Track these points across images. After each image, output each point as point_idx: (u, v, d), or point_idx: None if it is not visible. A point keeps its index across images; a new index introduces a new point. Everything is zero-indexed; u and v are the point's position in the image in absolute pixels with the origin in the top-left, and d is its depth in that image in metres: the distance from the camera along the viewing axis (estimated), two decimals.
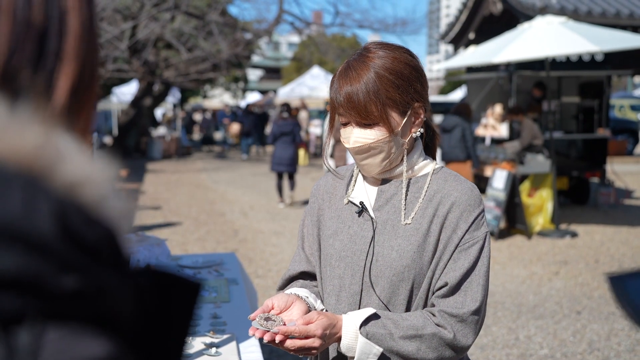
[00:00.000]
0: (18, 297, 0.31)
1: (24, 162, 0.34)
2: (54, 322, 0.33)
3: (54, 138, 0.36)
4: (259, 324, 1.41)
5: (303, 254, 1.69)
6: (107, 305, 0.35)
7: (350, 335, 1.43)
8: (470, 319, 1.46)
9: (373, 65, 1.47)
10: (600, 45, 7.13)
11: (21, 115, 0.36)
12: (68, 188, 0.35)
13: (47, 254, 0.32)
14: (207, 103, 36.49)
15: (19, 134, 0.35)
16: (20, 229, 0.32)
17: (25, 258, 0.32)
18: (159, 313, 0.40)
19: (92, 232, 0.35)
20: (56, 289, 0.33)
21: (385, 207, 1.55)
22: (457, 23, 13.93)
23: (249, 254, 7.13)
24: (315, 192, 1.71)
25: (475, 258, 1.48)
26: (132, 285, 0.38)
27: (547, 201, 8.14)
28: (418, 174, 1.57)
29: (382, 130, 1.48)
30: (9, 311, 0.31)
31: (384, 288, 1.50)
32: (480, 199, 1.54)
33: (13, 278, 0.31)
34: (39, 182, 0.34)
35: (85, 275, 0.34)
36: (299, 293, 1.58)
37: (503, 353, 4.43)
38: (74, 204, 0.35)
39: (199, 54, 16.31)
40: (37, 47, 0.39)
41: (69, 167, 0.36)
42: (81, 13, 0.42)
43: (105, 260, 0.35)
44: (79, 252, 0.34)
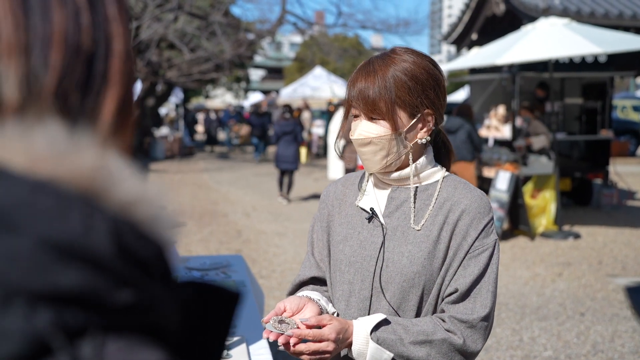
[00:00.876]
0: (81, 312, 0.33)
1: (82, 184, 0.36)
2: (113, 335, 0.34)
3: (109, 160, 0.38)
4: (273, 327, 1.42)
5: (313, 259, 1.70)
6: (158, 317, 0.37)
7: (361, 340, 1.45)
8: (480, 324, 1.48)
9: (394, 66, 1.50)
10: (604, 47, 7.14)
11: (78, 138, 0.38)
12: (122, 207, 0.37)
13: (106, 270, 0.34)
14: (209, 103, 36.49)
15: (78, 157, 0.37)
16: (81, 247, 0.34)
17: (87, 275, 0.34)
18: (201, 323, 0.42)
19: (143, 248, 0.37)
20: (114, 303, 0.34)
21: (396, 214, 1.57)
22: (460, 24, 13.93)
23: (252, 254, 7.15)
24: (325, 198, 1.72)
25: (485, 265, 1.50)
26: (178, 298, 0.40)
27: (550, 202, 8.15)
28: (426, 181, 1.59)
29: (386, 127, 1.50)
30: (73, 325, 0.33)
31: (394, 294, 1.51)
32: (489, 207, 1.56)
33: (76, 294, 0.33)
34: (96, 202, 0.36)
35: (139, 289, 0.36)
36: (311, 296, 1.59)
37: (507, 354, 4.44)
38: (127, 222, 0.36)
39: (202, 54, 16.32)
40: (86, 71, 0.41)
41: (123, 187, 0.37)
42: (124, 37, 0.44)
43: (155, 274, 0.37)
44: (133, 267, 0.36)
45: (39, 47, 0.39)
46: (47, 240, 0.33)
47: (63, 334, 0.32)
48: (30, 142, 0.36)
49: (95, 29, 0.42)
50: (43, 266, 0.33)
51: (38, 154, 0.36)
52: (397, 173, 1.57)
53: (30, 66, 0.38)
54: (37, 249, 0.33)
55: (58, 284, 0.33)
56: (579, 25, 7.98)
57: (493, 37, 11.10)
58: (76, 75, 0.40)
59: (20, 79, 0.38)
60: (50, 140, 0.36)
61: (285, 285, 6.04)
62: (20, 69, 0.38)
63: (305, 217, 9.51)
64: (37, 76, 0.38)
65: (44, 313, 0.32)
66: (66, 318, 0.33)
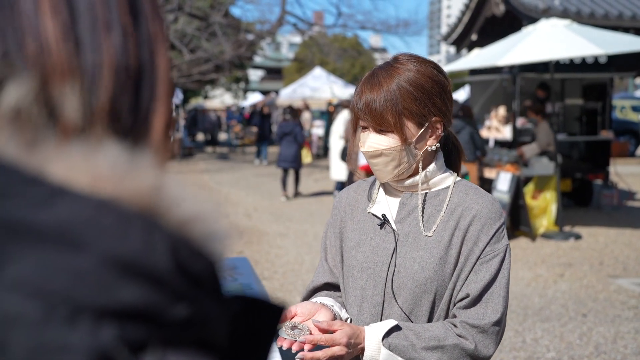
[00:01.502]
0: (142, 327, 0.35)
1: (142, 203, 0.37)
2: (172, 348, 0.36)
3: (166, 179, 0.40)
4: (286, 334, 1.43)
5: (326, 265, 1.72)
6: (211, 331, 0.39)
7: (373, 347, 1.46)
8: (492, 329, 1.49)
9: (398, 76, 1.50)
10: (605, 48, 7.15)
11: (137, 158, 0.39)
12: (179, 225, 0.38)
13: (165, 286, 0.36)
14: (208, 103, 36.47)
15: (137, 176, 0.38)
16: (142, 264, 0.35)
17: (148, 291, 0.35)
18: (248, 335, 0.43)
19: (198, 264, 0.38)
20: (172, 317, 0.36)
21: (407, 220, 1.58)
22: (460, 24, 13.95)
23: (255, 256, 7.15)
24: (337, 205, 1.74)
25: (496, 270, 1.51)
26: (228, 311, 0.41)
27: (551, 203, 8.17)
28: (436, 187, 1.60)
29: (395, 139, 1.51)
30: (136, 339, 0.34)
31: (406, 299, 1.52)
32: (500, 212, 1.57)
33: (138, 309, 0.35)
34: (155, 220, 0.37)
35: (194, 304, 0.37)
36: (324, 301, 1.60)
37: (510, 356, 4.45)
38: (184, 239, 0.38)
39: (202, 55, 16.33)
40: (135, 91, 0.42)
41: (181, 205, 0.39)
42: (166, 55, 0.45)
43: (208, 289, 0.39)
44: (189, 283, 0.37)
45: (92, 69, 0.40)
46: (110, 258, 0.34)
47: (127, 348, 0.34)
48: (93, 163, 0.38)
49: (141, 49, 0.43)
50: (107, 283, 0.34)
51: (100, 174, 0.37)
52: (409, 180, 1.58)
53: (86, 89, 0.40)
54: (101, 266, 0.34)
55: (121, 299, 0.34)
56: (579, 26, 8.00)
57: (493, 37, 11.12)
58: (127, 96, 0.42)
59: (79, 102, 0.39)
60: (112, 160, 0.38)
61: (287, 287, 6.05)
62: (77, 92, 0.39)
63: (307, 218, 9.52)
64: (92, 98, 0.40)
65: (109, 328, 0.33)
66: (129, 333, 0.34)
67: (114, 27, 0.41)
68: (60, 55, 0.39)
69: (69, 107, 0.39)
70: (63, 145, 0.38)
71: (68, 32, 0.39)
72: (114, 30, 0.41)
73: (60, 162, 0.37)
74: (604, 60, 10.13)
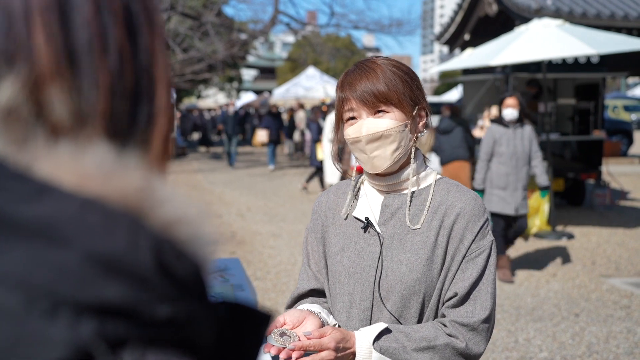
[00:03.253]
0: (123, 324, 0.35)
1: (128, 203, 0.38)
2: (152, 347, 0.36)
3: (153, 181, 0.40)
4: (275, 341, 1.41)
5: (310, 271, 1.69)
6: (194, 333, 0.39)
7: (364, 351, 1.45)
8: (481, 327, 1.48)
9: (382, 62, 1.54)
10: (597, 48, 7.17)
11: (126, 160, 0.40)
12: (164, 226, 0.39)
13: (147, 285, 0.36)
14: (201, 103, 36.41)
15: (124, 177, 0.39)
16: (125, 263, 0.36)
17: (129, 289, 0.36)
18: (234, 341, 0.43)
19: (182, 266, 0.39)
20: (153, 316, 0.36)
21: (391, 222, 1.57)
22: (453, 24, 13.97)
23: (247, 256, 7.14)
24: (317, 209, 1.71)
25: (483, 267, 1.51)
26: (214, 315, 0.41)
27: (543, 203, 8.18)
28: (421, 184, 1.59)
29: (394, 119, 1.51)
30: (115, 336, 0.35)
31: (395, 302, 1.51)
32: (484, 208, 1.56)
33: (119, 306, 0.35)
34: (140, 220, 0.38)
35: (177, 305, 0.38)
36: (311, 308, 1.59)
37: (503, 356, 4.45)
38: (168, 241, 0.38)
39: (195, 54, 16.29)
40: (132, 102, 0.43)
41: (166, 207, 0.40)
42: (165, 67, 0.46)
43: (192, 292, 0.39)
44: (172, 284, 0.38)
45: (86, 78, 0.41)
46: (93, 255, 0.35)
47: (105, 343, 0.34)
48: (80, 162, 0.39)
49: (138, 62, 0.44)
50: (89, 279, 0.35)
51: (87, 173, 0.38)
52: (402, 173, 1.57)
53: (81, 91, 0.41)
54: (84, 263, 0.35)
55: (102, 296, 0.35)
56: (572, 26, 8.02)
57: (486, 37, 11.14)
58: (123, 105, 0.43)
59: (68, 104, 0.40)
60: (99, 160, 0.39)
61: (280, 287, 6.03)
62: (67, 95, 0.40)
63: (300, 218, 9.50)
64: (86, 101, 0.41)
65: (88, 323, 0.34)
66: (109, 329, 0.35)
67: (109, 42, 0.42)
68: (50, 60, 0.40)
69: (58, 108, 0.40)
70: (51, 144, 0.39)
71: (58, 41, 0.40)
72: (109, 45, 0.42)
73: (48, 160, 0.38)
74: (596, 60, 10.16)
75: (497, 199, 6.26)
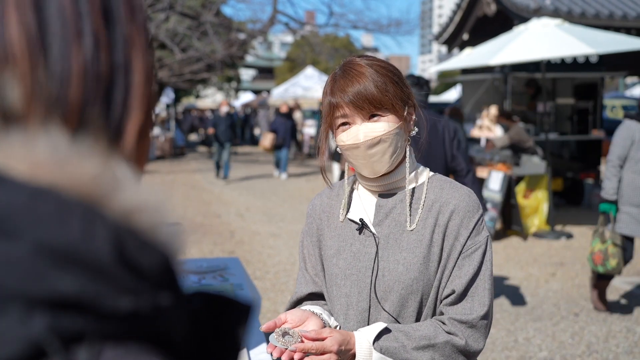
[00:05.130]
0: (78, 318, 0.34)
1: (83, 191, 0.36)
2: (111, 342, 0.35)
3: (111, 168, 0.38)
4: (277, 340, 1.40)
5: (308, 275, 1.69)
6: (161, 327, 0.37)
7: (364, 351, 1.44)
8: (480, 323, 1.48)
9: (368, 64, 1.51)
10: (596, 48, 7.17)
11: (80, 147, 0.38)
12: (124, 215, 0.37)
13: (104, 277, 0.34)
14: (199, 103, 36.38)
15: (79, 164, 0.37)
16: (79, 254, 0.34)
17: (84, 281, 0.34)
18: (211, 334, 0.41)
19: (146, 256, 0.37)
20: (112, 310, 0.35)
21: (386, 222, 1.56)
22: (451, 24, 13.97)
23: (247, 256, 7.13)
24: (311, 212, 1.70)
25: (479, 263, 1.51)
26: (186, 307, 0.40)
27: (542, 202, 8.19)
28: (418, 180, 1.59)
29: (390, 122, 1.49)
30: (70, 330, 0.33)
31: (393, 302, 1.51)
32: (478, 204, 1.56)
33: (73, 299, 0.33)
34: (96, 209, 0.36)
35: (140, 297, 0.36)
36: (313, 309, 1.58)
37: (502, 355, 4.45)
38: (129, 230, 0.37)
39: (193, 54, 16.26)
40: (106, 94, 0.41)
41: (125, 195, 0.38)
42: (144, 58, 0.44)
43: (158, 282, 0.37)
44: (134, 275, 0.36)
45: (59, 59, 0.39)
46: (45, 246, 0.34)
47: (59, 339, 0.33)
48: (31, 149, 0.37)
49: (114, 53, 0.42)
50: (40, 271, 0.33)
51: (39, 161, 0.37)
52: (393, 173, 1.57)
53: (38, 77, 0.39)
54: (34, 254, 0.33)
55: (55, 289, 0.33)
56: (571, 25, 8.02)
57: (484, 37, 11.13)
58: (96, 97, 0.41)
59: (26, 89, 0.38)
60: (52, 147, 0.37)
61: (279, 287, 6.03)
62: (28, 79, 0.38)
63: (299, 218, 9.50)
64: (50, 86, 0.39)
65: (40, 318, 0.33)
66: (63, 323, 0.33)
67: (84, 31, 0.40)
68: (9, 45, 0.38)
69: (14, 93, 0.38)
70: (1, 132, 0.37)
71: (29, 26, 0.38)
72: (84, 35, 0.40)
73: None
74: (595, 59, 10.17)
75: (628, 219, 4.95)
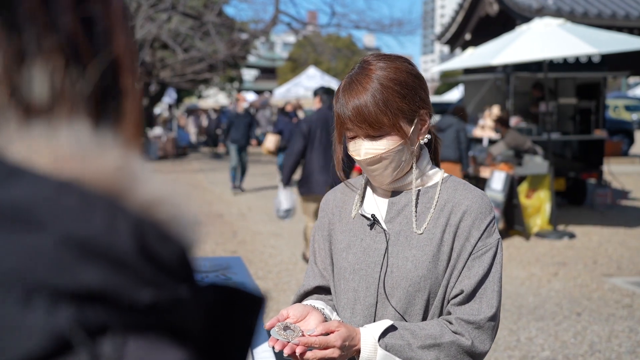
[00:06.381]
0: (102, 310, 0.34)
1: (105, 184, 0.37)
2: (134, 333, 0.35)
3: (131, 161, 0.39)
4: (278, 334, 1.40)
5: (316, 268, 1.70)
6: (180, 318, 0.37)
7: (369, 348, 1.44)
8: (487, 325, 1.48)
9: (376, 76, 1.47)
10: (599, 48, 7.17)
11: (102, 139, 0.39)
12: (144, 207, 0.38)
13: (127, 269, 0.35)
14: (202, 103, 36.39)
15: (101, 157, 0.37)
16: (103, 246, 0.34)
17: (108, 273, 0.34)
18: (225, 325, 0.41)
19: (165, 248, 0.37)
20: (135, 302, 0.35)
21: (397, 219, 1.56)
22: (454, 24, 13.97)
23: (249, 255, 7.14)
24: (324, 207, 1.71)
25: (489, 265, 1.50)
26: (202, 299, 0.40)
27: (544, 202, 8.18)
28: (428, 183, 1.58)
29: (392, 140, 1.48)
30: (94, 322, 0.33)
31: (400, 299, 1.51)
32: (490, 206, 1.55)
33: (98, 292, 0.34)
34: (118, 202, 0.36)
35: (160, 289, 0.36)
36: (315, 304, 1.58)
37: (505, 355, 4.45)
38: (149, 222, 0.37)
39: (196, 54, 16.30)
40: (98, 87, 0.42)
41: (145, 187, 0.38)
42: (128, 49, 0.45)
43: (177, 275, 0.38)
44: (154, 267, 0.36)
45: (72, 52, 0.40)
46: (69, 238, 0.34)
47: (84, 331, 0.33)
48: (55, 143, 0.37)
49: (94, 47, 0.42)
50: (65, 263, 0.33)
51: (62, 154, 0.37)
52: (406, 179, 1.56)
53: (69, 72, 0.39)
54: (59, 247, 0.34)
55: (80, 281, 0.33)
56: (573, 25, 8.01)
57: (487, 37, 11.13)
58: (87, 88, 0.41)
59: (50, 81, 0.39)
60: (75, 141, 0.38)
61: (281, 286, 6.03)
62: (50, 72, 0.39)
63: (301, 218, 9.47)
64: (68, 79, 0.39)
65: (66, 310, 0.33)
66: (87, 315, 0.33)
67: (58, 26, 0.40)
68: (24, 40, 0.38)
69: (37, 86, 0.39)
70: (25, 126, 0.38)
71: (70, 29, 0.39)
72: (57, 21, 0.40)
73: (21, 142, 0.37)
74: (598, 59, 10.16)
75: None
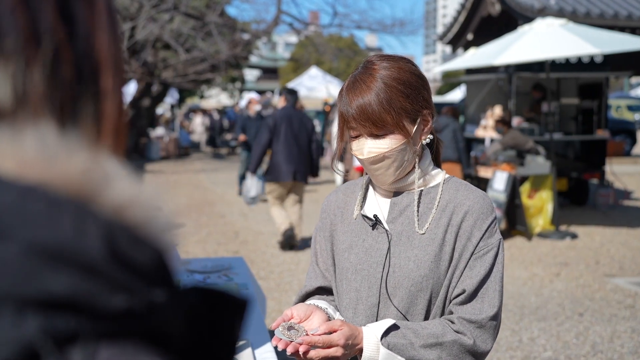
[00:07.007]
0: (71, 318, 0.33)
1: (72, 187, 0.36)
2: (106, 341, 0.34)
3: (100, 162, 0.38)
4: (282, 334, 1.41)
5: (318, 269, 1.70)
6: (157, 323, 0.36)
7: (372, 347, 1.45)
8: (489, 324, 1.48)
9: (380, 75, 1.49)
10: (601, 48, 7.16)
11: (69, 142, 0.38)
12: (115, 210, 0.36)
13: (98, 275, 0.34)
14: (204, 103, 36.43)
15: (68, 160, 0.36)
16: (71, 252, 0.33)
17: (77, 280, 0.33)
18: (208, 329, 0.41)
19: (139, 252, 0.36)
20: (107, 308, 0.34)
21: (399, 219, 1.57)
22: (456, 24, 13.96)
23: (251, 255, 7.14)
24: (326, 208, 1.72)
25: (491, 265, 1.51)
26: (181, 303, 0.39)
27: (547, 202, 8.17)
28: (430, 183, 1.59)
29: (395, 139, 1.49)
30: (63, 331, 0.32)
31: (402, 299, 1.51)
32: (492, 207, 1.57)
33: (66, 299, 0.33)
34: (87, 206, 0.35)
35: (134, 294, 0.35)
36: (319, 304, 1.59)
37: (507, 355, 4.45)
38: (121, 226, 0.36)
39: (198, 54, 16.30)
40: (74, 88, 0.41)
41: (116, 190, 0.37)
42: (112, 49, 0.44)
43: (153, 279, 0.37)
44: (128, 272, 0.35)
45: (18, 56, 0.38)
46: (36, 245, 0.33)
47: (52, 340, 0.32)
48: (19, 146, 0.36)
49: (76, 47, 0.41)
50: (32, 271, 0.32)
51: (27, 158, 0.36)
52: (408, 179, 1.57)
53: (33, 74, 0.38)
54: (25, 254, 0.33)
55: (47, 289, 0.33)
56: (575, 25, 8.00)
57: (489, 37, 11.13)
58: (63, 88, 0.40)
59: (13, 84, 0.38)
60: (40, 143, 0.36)
61: (283, 286, 6.03)
62: (13, 74, 0.38)
63: (303, 218, 9.49)
64: (30, 81, 0.38)
65: (33, 319, 0.32)
66: (56, 324, 0.32)
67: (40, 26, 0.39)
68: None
69: (1, 90, 0.38)
70: None
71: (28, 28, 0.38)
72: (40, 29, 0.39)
73: None
74: (600, 59, 10.15)
75: None
